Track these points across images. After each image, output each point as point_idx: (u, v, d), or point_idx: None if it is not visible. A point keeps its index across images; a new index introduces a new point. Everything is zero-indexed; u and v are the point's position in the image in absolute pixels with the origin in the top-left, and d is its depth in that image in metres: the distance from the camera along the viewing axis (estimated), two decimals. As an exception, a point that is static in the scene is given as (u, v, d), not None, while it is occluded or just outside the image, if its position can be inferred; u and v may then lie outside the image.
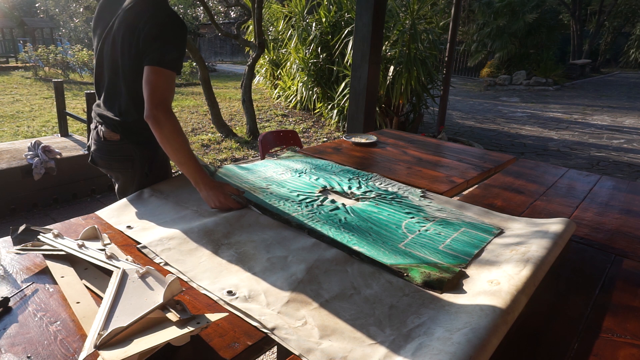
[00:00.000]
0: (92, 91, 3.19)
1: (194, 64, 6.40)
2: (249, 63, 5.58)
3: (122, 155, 1.42)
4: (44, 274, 0.92)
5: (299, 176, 1.61)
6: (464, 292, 0.92)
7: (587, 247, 1.19)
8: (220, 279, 0.94)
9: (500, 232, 1.22)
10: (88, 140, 1.52)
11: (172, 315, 0.73)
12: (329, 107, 6.32)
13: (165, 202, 1.31)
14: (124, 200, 1.32)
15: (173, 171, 1.64)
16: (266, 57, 8.51)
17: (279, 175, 1.60)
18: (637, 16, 16.20)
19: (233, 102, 7.95)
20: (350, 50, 5.33)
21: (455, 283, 0.96)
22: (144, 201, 1.31)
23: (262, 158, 2.36)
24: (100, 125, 1.42)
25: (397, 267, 1.00)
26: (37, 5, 17.70)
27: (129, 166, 1.43)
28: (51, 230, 1.02)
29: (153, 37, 1.24)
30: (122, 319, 0.71)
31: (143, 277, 0.83)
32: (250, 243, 1.09)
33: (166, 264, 0.99)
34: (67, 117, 3.90)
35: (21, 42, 13.92)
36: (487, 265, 1.02)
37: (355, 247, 1.08)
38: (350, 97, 3.29)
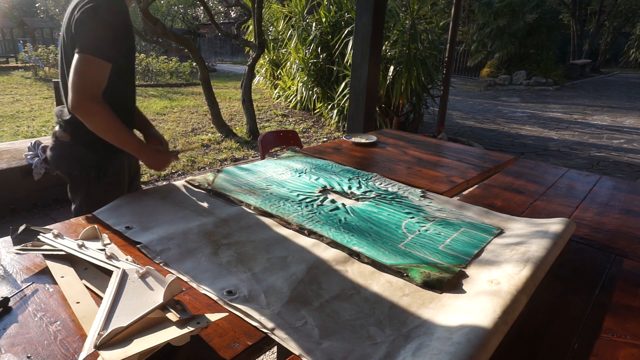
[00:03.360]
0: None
1: (194, 64, 6.41)
2: (249, 63, 5.58)
3: (71, 157, 1.36)
4: (44, 274, 0.92)
5: (299, 176, 1.61)
6: (464, 292, 0.92)
7: (587, 247, 1.19)
8: (220, 279, 0.94)
9: (500, 232, 1.22)
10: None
11: (172, 315, 0.73)
12: (329, 107, 6.32)
13: (164, 202, 1.31)
14: (123, 200, 1.31)
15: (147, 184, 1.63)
16: (266, 57, 8.52)
17: (279, 175, 1.60)
18: (637, 16, 16.20)
19: (233, 102, 7.95)
20: (350, 50, 5.33)
21: (455, 283, 0.96)
22: (142, 202, 1.31)
23: (262, 158, 2.36)
24: (56, 126, 1.37)
25: (397, 267, 1.00)
26: (37, 5, 17.70)
27: (76, 169, 1.36)
28: (51, 230, 1.02)
29: (80, 22, 1.19)
30: (122, 319, 0.71)
31: (143, 277, 0.83)
32: (250, 243, 1.09)
33: (166, 264, 0.99)
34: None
35: (21, 42, 13.92)
36: (487, 265, 1.02)
37: (355, 247, 1.08)
38: (350, 97, 3.30)
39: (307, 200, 1.38)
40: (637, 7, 16.01)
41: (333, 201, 1.39)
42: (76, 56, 1.19)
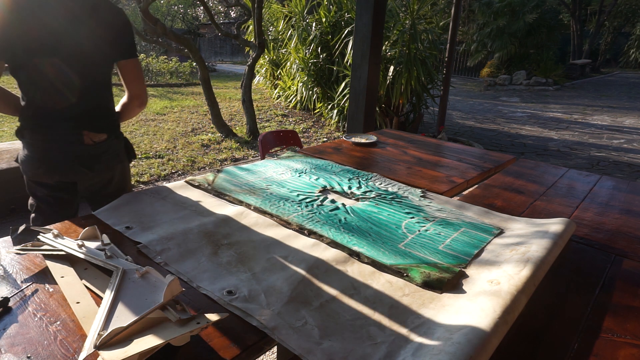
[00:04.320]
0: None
1: (194, 64, 6.41)
2: (249, 63, 5.58)
3: (109, 152, 1.46)
4: (44, 274, 0.92)
5: (299, 176, 1.61)
6: (464, 292, 0.92)
7: (587, 247, 1.19)
8: (220, 279, 0.94)
9: (500, 232, 1.22)
10: (45, 156, 1.37)
11: (172, 315, 0.73)
12: (329, 107, 6.32)
13: (163, 202, 1.31)
14: (123, 200, 1.31)
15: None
16: (266, 57, 8.52)
17: (279, 175, 1.60)
18: (637, 16, 16.20)
19: (233, 102, 7.95)
20: (350, 50, 5.33)
21: (455, 283, 0.96)
22: (142, 202, 1.31)
23: (262, 158, 2.36)
24: (75, 131, 1.36)
25: (397, 267, 1.00)
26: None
27: (122, 159, 1.52)
28: (51, 230, 1.02)
29: (126, 25, 1.41)
30: (122, 319, 0.71)
31: (143, 277, 0.83)
32: (250, 243, 1.09)
33: (166, 264, 0.99)
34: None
35: (21, 42, 13.88)
36: (487, 265, 1.02)
37: (355, 247, 1.08)
38: (350, 97, 3.29)
39: (307, 200, 1.38)
40: (637, 7, 16.01)
41: (333, 201, 1.39)
42: (135, 59, 1.45)
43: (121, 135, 1.52)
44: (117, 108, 1.55)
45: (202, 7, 9.87)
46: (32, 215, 1.46)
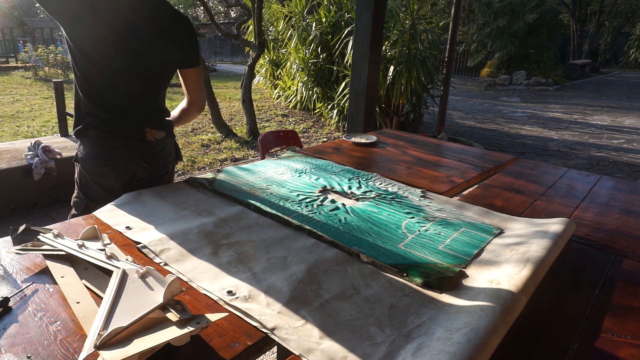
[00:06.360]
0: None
1: (194, 64, 6.40)
2: (249, 63, 5.58)
3: (167, 149, 1.54)
4: (44, 274, 0.92)
5: (299, 176, 1.61)
6: (464, 292, 0.92)
7: (587, 247, 1.19)
8: (220, 279, 0.94)
9: (500, 232, 1.22)
10: (115, 155, 1.40)
11: (172, 315, 0.73)
12: (329, 107, 6.32)
13: (163, 202, 1.31)
14: (123, 200, 1.31)
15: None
16: (266, 57, 8.52)
17: (279, 175, 1.60)
18: (637, 16, 16.21)
19: (233, 102, 7.95)
20: (350, 50, 5.34)
21: (455, 283, 0.96)
22: (142, 202, 1.31)
23: (262, 158, 2.36)
24: (138, 128, 1.43)
25: (397, 267, 1.00)
26: (37, 5, 17.65)
27: (173, 158, 1.59)
28: (51, 230, 1.02)
29: (194, 36, 1.47)
30: (122, 319, 0.71)
31: (143, 277, 0.83)
32: (250, 243, 1.09)
33: (166, 264, 0.99)
34: (67, 117, 3.90)
35: (21, 42, 13.89)
36: (487, 265, 1.02)
37: (355, 247, 1.08)
38: (350, 97, 3.29)
39: (307, 200, 1.38)
40: (637, 7, 16.02)
41: (333, 201, 1.39)
42: (197, 68, 1.51)
43: (174, 135, 1.59)
44: (175, 112, 1.63)
45: (202, 7, 9.88)
46: (74, 212, 1.47)
